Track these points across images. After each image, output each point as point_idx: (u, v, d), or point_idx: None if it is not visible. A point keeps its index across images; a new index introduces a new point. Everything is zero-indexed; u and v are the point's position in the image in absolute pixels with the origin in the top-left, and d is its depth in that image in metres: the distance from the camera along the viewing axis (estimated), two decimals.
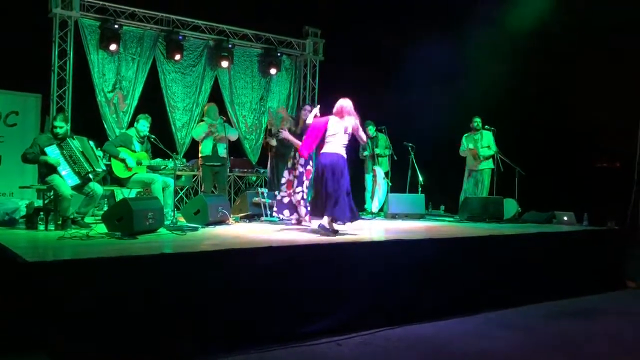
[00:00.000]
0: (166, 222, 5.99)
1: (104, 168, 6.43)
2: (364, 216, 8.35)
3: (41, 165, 5.88)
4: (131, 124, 7.92)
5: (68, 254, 4.12)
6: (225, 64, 10.16)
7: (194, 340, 3.89)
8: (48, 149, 5.82)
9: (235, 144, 9.70)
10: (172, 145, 9.69)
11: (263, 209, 7.28)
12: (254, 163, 10.68)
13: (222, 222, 6.61)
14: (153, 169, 6.94)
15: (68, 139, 6.00)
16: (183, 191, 9.73)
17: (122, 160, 6.58)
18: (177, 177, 8.30)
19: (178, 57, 9.74)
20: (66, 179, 5.81)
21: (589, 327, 5.19)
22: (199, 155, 8.01)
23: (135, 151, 6.73)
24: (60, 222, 5.73)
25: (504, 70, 9.15)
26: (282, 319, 4.32)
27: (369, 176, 9.17)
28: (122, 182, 6.69)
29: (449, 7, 9.69)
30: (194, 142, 8.87)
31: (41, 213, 5.86)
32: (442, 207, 9.70)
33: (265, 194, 7.37)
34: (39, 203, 6.18)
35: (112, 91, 9.30)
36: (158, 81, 9.81)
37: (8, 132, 8.91)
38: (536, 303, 5.82)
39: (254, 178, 10.54)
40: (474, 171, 9.04)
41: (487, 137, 8.92)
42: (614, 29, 8.14)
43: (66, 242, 4.67)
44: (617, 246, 7.09)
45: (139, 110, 8.88)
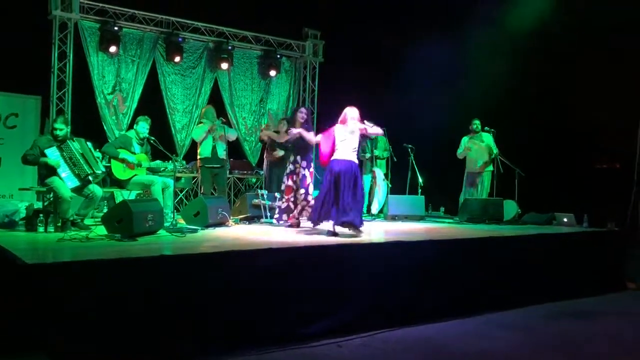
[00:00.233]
0: (166, 224, 6.00)
1: (103, 170, 6.42)
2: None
3: (41, 167, 5.88)
4: (131, 126, 7.92)
5: (68, 256, 4.12)
6: (225, 66, 10.16)
7: (194, 341, 3.89)
8: (48, 151, 5.82)
9: (234, 146, 9.71)
10: (172, 147, 9.68)
11: (263, 211, 7.28)
12: (254, 165, 10.66)
13: (222, 224, 6.61)
14: (153, 171, 6.94)
15: (68, 141, 6.00)
16: (183, 193, 9.73)
17: (123, 160, 6.58)
18: (177, 179, 8.30)
19: (178, 59, 9.74)
20: (66, 181, 5.81)
21: (589, 328, 5.20)
22: (198, 157, 8.01)
23: (134, 153, 6.73)
24: (59, 224, 5.74)
25: (504, 70, 9.14)
26: (282, 321, 4.32)
27: (367, 177, 9.16)
28: (122, 184, 6.69)
29: (449, 7, 9.69)
30: (194, 144, 8.86)
31: (41, 215, 5.85)
32: (442, 209, 9.70)
33: (265, 196, 7.37)
34: (39, 205, 6.18)
35: (112, 93, 9.30)
36: (158, 83, 9.80)
37: (8, 134, 8.90)
38: (536, 304, 5.83)
39: (254, 180, 10.53)
40: (474, 173, 9.03)
41: (487, 139, 8.91)
42: (614, 29, 8.14)
43: (66, 244, 4.67)
44: (617, 247, 7.09)
45: (139, 112, 8.89)
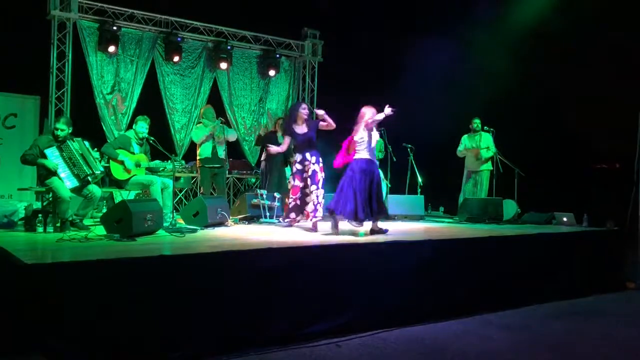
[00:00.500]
0: (165, 224, 5.99)
1: (102, 170, 6.42)
2: None
3: (40, 167, 5.87)
4: (130, 126, 7.92)
5: (67, 256, 4.12)
6: (224, 66, 10.15)
7: (193, 341, 3.89)
8: (48, 151, 5.82)
9: (233, 146, 9.69)
10: (171, 147, 9.68)
11: (262, 211, 7.27)
12: (253, 165, 10.65)
13: (221, 224, 6.60)
14: (152, 171, 6.93)
15: (68, 141, 6.00)
16: (182, 193, 9.73)
17: (121, 162, 6.58)
18: (176, 179, 8.29)
19: (177, 59, 9.73)
20: (65, 181, 5.80)
21: (588, 328, 5.19)
22: (198, 157, 8.00)
23: (134, 153, 6.73)
24: (58, 224, 5.73)
25: (503, 71, 9.15)
26: (281, 320, 4.31)
27: None
28: (121, 184, 6.69)
29: (448, 8, 9.69)
30: (193, 144, 8.84)
31: (40, 215, 5.85)
32: (442, 208, 9.69)
33: (264, 196, 7.37)
34: (38, 205, 6.18)
35: (111, 93, 9.29)
36: (157, 83, 9.79)
37: (6, 134, 8.90)
38: (535, 304, 5.83)
39: (253, 180, 10.52)
40: (473, 172, 9.05)
41: (487, 139, 8.92)
42: (614, 29, 8.14)
43: (65, 244, 4.67)
44: (617, 247, 7.09)
45: (138, 112, 8.88)
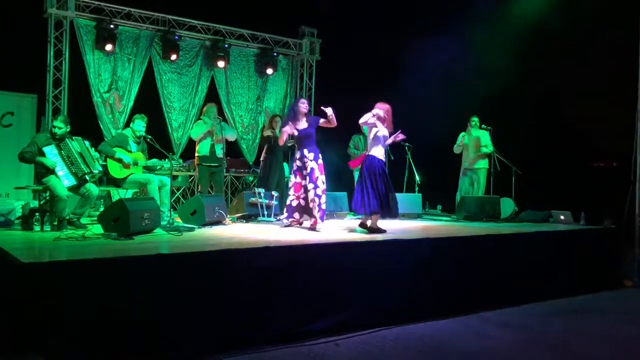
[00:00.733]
0: (162, 223, 5.98)
1: (100, 169, 6.40)
2: (358, 216, 8.33)
3: (38, 165, 5.85)
4: (127, 125, 7.89)
5: (64, 255, 4.10)
6: (221, 64, 10.14)
7: (191, 340, 3.88)
8: (46, 149, 5.80)
9: (231, 144, 9.68)
10: (169, 145, 9.65)
11: (260, 209, 7.26)
12: (251, 163, 10.64)
13: (219, 223, 6.59)
14: (149, 169, 6.92)
15: (67, 140, 5.98)
16: (179, 191, 9.71)
17: (119, 159, 6.56)
18: (174, 177, 8.28)
19: (174, 57, 9.71)
20: (63, 180, 5.79)
21: (586, 326, 5.20)
22: (196, 155, 7.99)
23: (131, 151, 6.71)
24: (56, 223, 5.71)
25: (502, 68, 9.14)
26: (280, 319, 4.31)
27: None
28: (118, 183, 6.67)
29: (447, 5, 9.68)
30: (191, 142, 8.84)
31: (37, 214, 5.82)
32: (439, 207, 9.69)
33: (262, 194, 7.36)
34: (35, 204, 6.15)
35: (108, 91, 9.27)
36: (154, 81, 9.77)
37: (3, 133, 8.87)
38: (533, 302, 5.84)
39: (251, 178, 10.52)
40: (470, 170, 9.05)
41: (484, 137, 8.92)
42: (611, 27, 8.14)
43: (62, 243, 4.66)
44: (614, 245, 7.10)
45: (135, 110, 8.84)
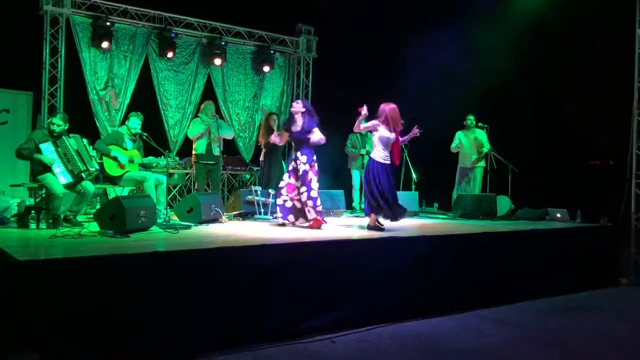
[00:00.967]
0: (159, 220, 5.97)
1: (97, 167, 6.38)
2: (356, 214, 8.35)
3: (34, 162, 5.83)
4: (123, 122, 7.87)
5: (60, 253, 4.09)
6: (218, 62, 10.11)
7: (188, 338, 3.88)
8: (43, 146, 5.78)
9: (228, 142, 9.66)
10: (165, 143, 9.63)
11: (256, 207, 7.25)
12: (247, 161, 10.63)
13: (215, 220, 6.58)
14: (145, 167, 6.90)
15: (64, 137, 5.96)
16: (176, 189, 9.70)
17: (114, 158, 6.55)
18: (170, 175, 8.26)
19: (170, 55, 9.69)
20: (59, 177, 5.77)
21: (582, 324, 5.21)
22: (193, 153, 7.99)
23: (127, 149, 6.70)
24: (51, 221, 5.69)
25: (498, 67, 9.15)
26: (276, 317, 4.31)
27: (357, 172, 9.11)
28: (115, 180, 6.66)
29: (446, 3, 9.68)
30: (187, 140, 8.82)
31: (32, 211, 5.81)
32: (436, 205, 9.69)
33: (258, 192, 7.35)
34: (31, 202, 6.13)
35: (105, 89, 9.24)
36: (150, 79, 9.74)
37: None
38: (529, 299, 5.86)
39: (247, 176, 10.51)
40: (467, 168, 9.06)
41: (481, 135, 8.93)
42: (611, 26, 8.15)
43: (58, 241, 4.64)
44: (610, 243, 7.13)
45: (131, 108, 8.80)
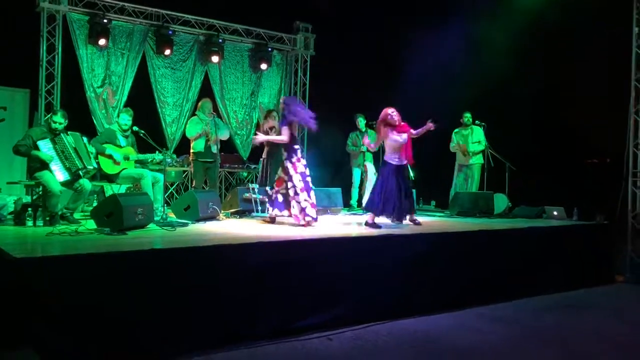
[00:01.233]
0: (156, 218, 5.97)
1: (95, 166, 6.34)
2: (353, 211, 8.36)
3: (32, 159, 5.82)
4: None
5: (57, 250, 4.10)
6: (215, 59, 10.09)
7: (184, 336, 3.88)
8: (41, 143, 5.77)
9: (225, 140, 9.66)
10: (162, 140, 9.61)
11: (254, 205, 7.25)
12: (245, 159, 10.62)
13: (213, 218, 6.58)
14: (141, 163, 6.89)
15: (62, 134, 5.95)
16: (173, 187, 9.69)
17: (109, 156, 6.54)
18: (167, 172, 8.25)
19: (168, 52, 9.67)
20: (56, 174, 5.76)
21: (579, 321, 5.23)
22: (191, 151, 7.99)
23: (121, 146, 6.68)
24: (48, 218, 5.68)
25: (496, 65, 9.15)
26: (273, 314, 4.32)
27: (357, 170, 9.14)
28: (112, 178, 6.64)
29: (441, 1, 9.68)
30: (184, 138, 8.81)
31: (29, 209, 5.80)
32: (433, 202, 9.71)
33: (256, 190, 7.35)
34: (27, 199, 6.12)
35: (102, 86, 9.22)
36: (148, 76, 9.71)
37: None
38: (526, 297, 5.87)
39: (245, 174, 10.50)
40: (464, 166, 9.09)
41: (478, 133, 8.95)
42: (606, 25, 8.16)
43: (55, 238, 4.64)
44: (607, 241, 7.14)
45: (129, 105, 8.76)
